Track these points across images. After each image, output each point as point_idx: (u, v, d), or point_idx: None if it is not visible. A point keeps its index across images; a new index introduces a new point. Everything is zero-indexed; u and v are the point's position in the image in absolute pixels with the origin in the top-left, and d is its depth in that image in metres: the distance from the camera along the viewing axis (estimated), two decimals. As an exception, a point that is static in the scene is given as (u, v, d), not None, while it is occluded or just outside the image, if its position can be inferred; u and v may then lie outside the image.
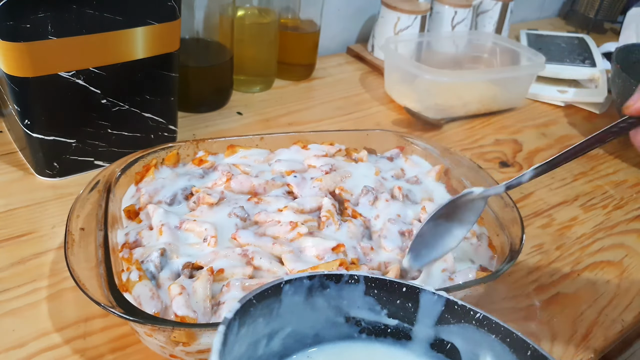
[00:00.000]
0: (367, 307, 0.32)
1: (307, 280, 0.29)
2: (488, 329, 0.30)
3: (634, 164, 0.77)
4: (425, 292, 0.31)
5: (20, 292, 0.45)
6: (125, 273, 0.41)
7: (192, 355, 0.38)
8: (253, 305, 0.27)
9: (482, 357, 0.30)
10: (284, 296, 0.29)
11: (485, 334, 0.30)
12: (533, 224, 0.62)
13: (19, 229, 0.51)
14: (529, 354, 0.28)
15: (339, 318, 0.32)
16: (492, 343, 0.30)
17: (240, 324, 0.26)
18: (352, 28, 1.04)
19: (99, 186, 0.47)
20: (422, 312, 0.32)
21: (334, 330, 0.32)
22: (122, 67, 0.55)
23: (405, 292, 0.31)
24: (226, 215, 0.46)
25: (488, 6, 1.02)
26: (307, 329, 0.31)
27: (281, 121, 0.75)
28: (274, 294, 0.28)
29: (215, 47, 0.73)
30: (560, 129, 0.85)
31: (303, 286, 0.29)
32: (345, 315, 0.32)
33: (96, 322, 0.43)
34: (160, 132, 0.62)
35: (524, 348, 0.28)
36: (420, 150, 0.60)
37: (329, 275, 0.30)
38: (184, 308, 0.37)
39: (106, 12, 0.50)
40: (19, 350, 0.40)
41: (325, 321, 0.31)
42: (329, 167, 0.53)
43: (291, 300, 0.29)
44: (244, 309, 0.26)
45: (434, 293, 0.31)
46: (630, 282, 0.55)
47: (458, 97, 0.81)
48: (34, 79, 0.50)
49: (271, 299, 0.28)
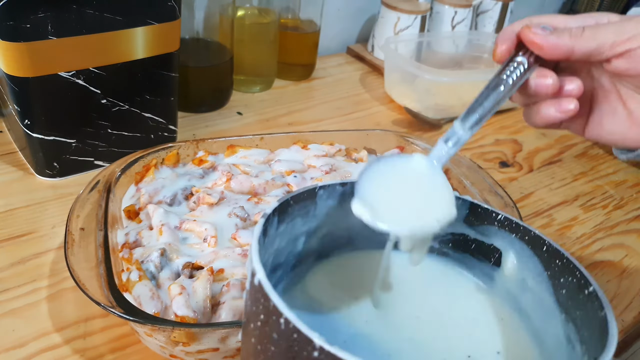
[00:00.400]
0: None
1: (339, 187, 0.32)
2: (509, 229, 0.32)
3: (634, 163, 0.77)
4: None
5: (20, 292, 0.45)
6: (125, 273, 0.41)
7: (192, 355, 0.38)
8: (290, 206, 0.30)
9: (504, 254, 0.33)
10: (319, 199, 0.31)
11: (506, 232, 0.32)
12: (533, 224, 0.62)
13: (19, 229, 0.51)
14: (544, 249, 0.30)
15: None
16: (512, 241, 0.32)
17: (280, 220, 0.29)
18: (352, 28, 1.04)
19: (99, 186, 0.47)
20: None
21: (366, 237, 0.33)
22: (122, 67, 0.54)
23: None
24: (226, 215, 0.46)
25: (488, 6, 1.02)
26: (342, 231, 0.33)
27: (281, 121, 0.75)
28: (309, 197, 0.31)
29: (215, 47, 0.73)
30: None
31: (336, 192, 0.32)
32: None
33: (96, 322, 0.43)
34: (160, 132, 0.62)
35: (540, 244, 0.30)
36: (420, 150, 0.60)
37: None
38: (184, 308, 0.37)
39: (106, 12, 0.50)
40: (19, 350, 0.40)
41: (358, 227, 0.32)
42: (329, 167, 0.53)
43: (325, 204, 0.32)
44: (282, 208, 0.29)
45: (458, 197, 0.33)
46: (630, 282, 0.55)
47: (458, 97, 0.81)
48: (34, 79, 0.50)
49: (307, 201, 0.31)
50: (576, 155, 0.78)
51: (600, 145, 0.81)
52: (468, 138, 0.35)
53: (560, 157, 0.77)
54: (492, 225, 0.33)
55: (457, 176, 0.56)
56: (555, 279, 0.30)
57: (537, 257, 0.31)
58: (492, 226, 0.33)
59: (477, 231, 0.34)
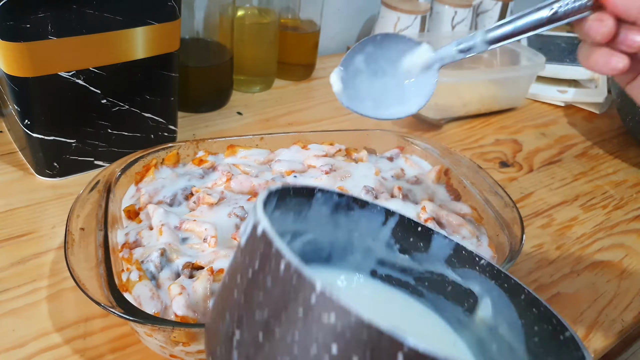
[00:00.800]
0: (383, 239, 0.34)
1: (336, 197, 0.32)
2: (490, 275, 0.32)
3: (634, 164, 0.77)
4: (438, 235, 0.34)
5: (20, 292, 0.45)
6: (125, 273, 0.41)
7: (192, 355, 0.38)
8: (290, 196, 0.29)
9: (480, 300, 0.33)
10: (315, 202, 0.31)
11: (486, 278, 0.32)
12: (533, 224, 0.62)
13: (19, 229, 0.51)
14: (522, 297, 0.31)
15: (353, 244, 0.34)
16: (491, 288, 0.32)
17: (277, 206, 0.29)
18: (352, 28, 1.04)
19: (99, 186, 0.47)
20: (432, 252, 0.34)
21: (345, 255, 0.34)
22: (122, 67, 0.55)
23: (420, 231, 0.34)
24: (226, 215, 0.46)
25: (488, 6, 1.02)
26: (325, 244, 0.33)
27: (281, 121, 0.75)
28: (307, 195, 0.31)
29: (215, 47, 0.73)
30: (560, 129, 0.85)
31: (332, 200, 0.32)
32: (361, 244, 0.34)
33: (96, 322, 0.43)
34: (160, 132, 0.62)
35: (518, 292, 0.31)
36: (420, 150, 0.60)
37: (356, 199, 0.32)
38: (184, 308, 0.37)
39: (106, 12, 0.50)
40: (19, 350, 0.40)
41: (342, 242, 0.33)
42: (329, 167, 0.53)
43: (319, 209, 0.32)
44: (283, 193, 0.29)
45: (445, 237, 0.33)
46: (630, 282, 0.55)
47: (458, 97, 0.81)
48: (34, 79, 0.50)
49: (304, 198, 0.31)
50: (576, 155, 0.78)
51: (600, 145, 0.81)
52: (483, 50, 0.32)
53: (560, 157, 0.77)
54: (473, 269, 0.33)
55: (457, 176, 0.56)
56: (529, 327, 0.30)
57: (513, 306, 0.31)
58: (473, 270, 0.33)
59: (457, 273, 0.34)
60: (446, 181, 0.57)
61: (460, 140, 0.77)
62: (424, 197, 0.53)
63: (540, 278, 0.54)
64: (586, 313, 0.50)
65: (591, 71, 0.38)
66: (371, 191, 0.51)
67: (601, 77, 0.92)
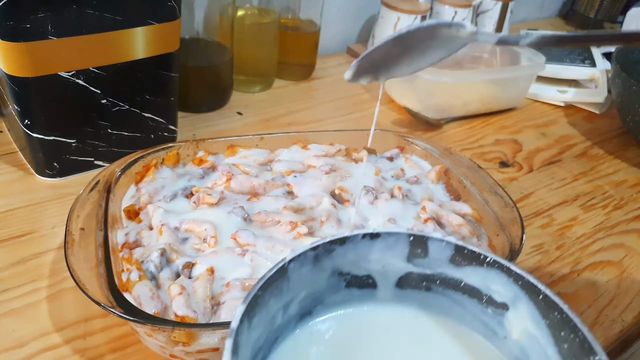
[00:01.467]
0: (376, 259, 0.32)
1: (310, 252, 0.29)
2: (522, 285, 0.30)
3: (634, 164, 0.77)
4: (433, 239, 0.31)
5: (20, 292, 0.45)
6: (125, 273, 0.41)
7: (192, 355, 0.38)
8: (260, 297, 0.26)
9: (511, 305, 0.31)
10: (291, 273, 0.29)
11: (516, 285, 0.30)
12: (533, 224, 0.62)
13: (19, 229, 0.51)
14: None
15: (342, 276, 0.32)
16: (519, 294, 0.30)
17: (250, 318, 0.26)
18: (352, 28, 1.04)
19: (99, 186, 0.47)
20: (432, 256, 0.32)
21: (335, 290, 0.32)
22: (122, 67, 0.55)
23: (413, 240, 0.31)
24: (226, 215, 0.46)
25: (488, 6, 1.02)
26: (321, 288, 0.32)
27: (281, 121, 0.75)
28: (279, 276, 0.28)
29: (215, 47, 0.73)
30: (560, 129, 0.85)
31: (308, 258, 0.29)
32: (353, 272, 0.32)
33: (96, 322, 0.43)
34: (160, 132, 0.62)
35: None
36: (420, 150, 0.60)
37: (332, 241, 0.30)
38: (184, 308, 0.37)
39: (106, 12, 0.50)
40: (19, 350, 0.40)
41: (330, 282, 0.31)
42: (329, 167, 0.53)
43: (299, 274, 0.29)
44: (250, 306, 0.26)
45: (441, 240, 0.31)
46: (630, 282, 0.55)
47: (458, 97, 0.81)
48: (34, 79, 0.50)
49: (277, 281, 0.28)
50: (576, 155, 0.78)
51: (600, 145, 0.81)
52: (519, 45, 0.33)
53: (560, 157, 0.77)
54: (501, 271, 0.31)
55: (457, 176, 0.56)
56: (556, 331, 0.28)
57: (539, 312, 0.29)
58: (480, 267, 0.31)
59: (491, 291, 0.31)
60: (446, 181, 0.57)
61: (460, 140, 0.77)
62: (424, 197, 0.53)
63: (540, 278, 0.53)
64: (586, 313, 0.50)
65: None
66: (371, 191, 0.51)
67: (601, 77, 0.92)
